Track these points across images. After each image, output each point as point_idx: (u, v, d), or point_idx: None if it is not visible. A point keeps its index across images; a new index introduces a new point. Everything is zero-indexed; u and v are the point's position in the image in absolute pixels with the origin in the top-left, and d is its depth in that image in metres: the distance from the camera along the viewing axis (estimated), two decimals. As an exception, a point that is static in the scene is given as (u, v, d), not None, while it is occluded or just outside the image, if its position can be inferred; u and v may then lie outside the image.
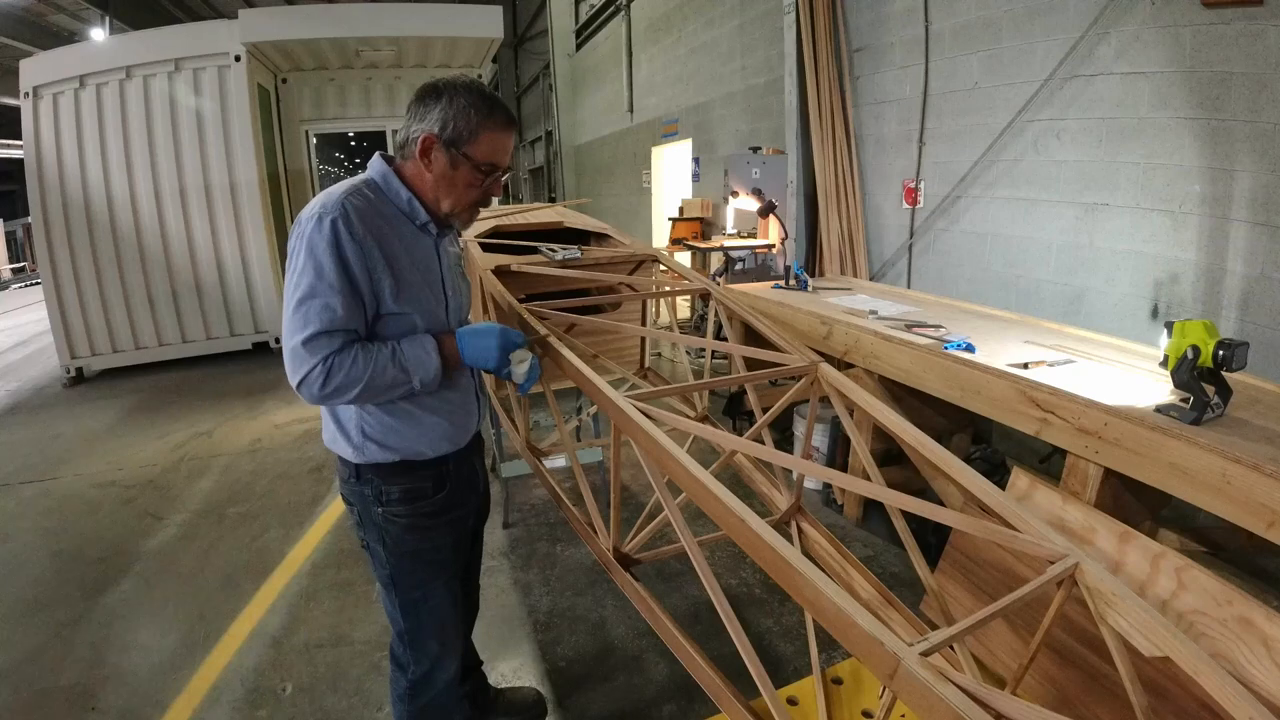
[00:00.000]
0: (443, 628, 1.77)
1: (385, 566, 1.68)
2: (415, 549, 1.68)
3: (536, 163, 20.44)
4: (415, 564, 1.70)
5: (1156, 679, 1.70)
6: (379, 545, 1.67)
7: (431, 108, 1.48)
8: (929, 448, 1.60)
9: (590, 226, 3.56)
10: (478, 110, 1.48)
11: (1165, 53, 3.44)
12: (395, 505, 1.63)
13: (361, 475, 1.62)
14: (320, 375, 1.41)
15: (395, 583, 1.70)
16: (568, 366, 1.81)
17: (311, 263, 1.41)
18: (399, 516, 1.64)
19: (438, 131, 1.48)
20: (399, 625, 1.74)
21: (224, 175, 6.68)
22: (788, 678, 2.26)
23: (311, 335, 1.40)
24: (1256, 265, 3.19)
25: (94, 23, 13.61)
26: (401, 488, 1.63)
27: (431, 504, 1.67)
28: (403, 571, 1.69)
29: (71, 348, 6.51)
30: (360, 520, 1.68)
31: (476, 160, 1.51)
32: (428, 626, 1.74)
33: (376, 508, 1.63)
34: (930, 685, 0.94)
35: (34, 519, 3.81)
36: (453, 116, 1.47)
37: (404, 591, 1.70)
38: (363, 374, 1.43)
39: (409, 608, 1.72)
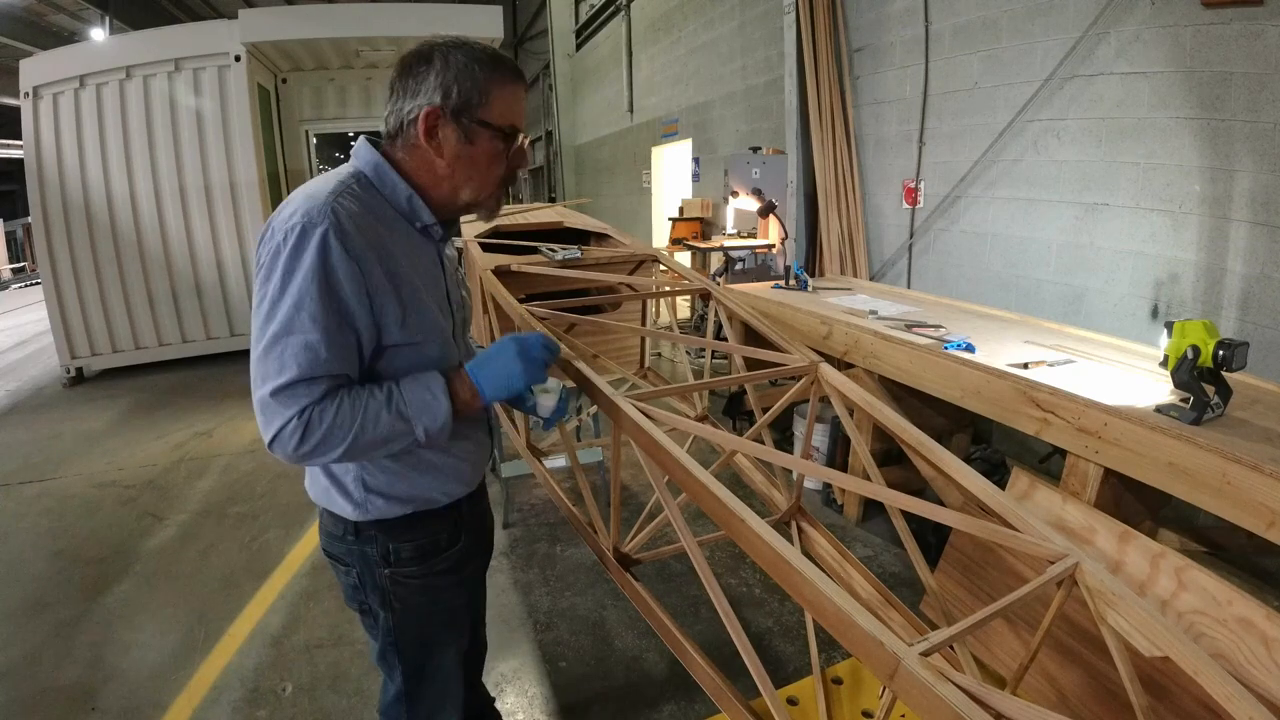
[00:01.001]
0: (446, 693, 1.52)
1: (390, 634, 1.43)
2: (428, 611, 1.44)
3: (536, 163, 20.43)
4: (425, 628, 1.45)
5: (1156, 679, 1.70)
6: (383, 610, 1.41)
7: (425, 76, 1.19)
8: (929, 448, 1.60)
9: (590, 226, 3.57)
10: (482, 65, 1.20)
11: (1165, 53, 3.44)
12: (407, 565, 1.37)
13: (362, 533, 1.35)
14: (296, 431, 1.11)
15: (400, 649, 1.45)
16: (567, 366, 1.81)
17: (289, 288, 1.10)
18: (410, 577, 1.38)
19: (440, 101, 1.19)
20: (398, 687, 1.49)
21: (224, 175, 6.68)
22: (788, 678, 2.26)
23: (286, 384, 1.10)
24: (1256, 265, 3.19)
25: (94, 23, 13.62)
26: (414, 544, 1.37)
27: (447, 559, 1.42)
28: (409, 638, 1.44)
29: (71, 348, 6.51)
30: (360, 583, 1.41)
31: (495, 124, 1.22)
32: (431, 694, 1.51)
33: (384, 569, 1.37)
34: (930, 685, 0.94)
35: (34, 519, 3.81)
36: (455, 79, 1.19)
37: (409, 659, 1.46)
38: (349, 427, 1.14)
39: (413, 674, 1.48)
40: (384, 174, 1.24)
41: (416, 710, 1.51)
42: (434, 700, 1.51)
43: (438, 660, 1.49)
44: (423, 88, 1.20)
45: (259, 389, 1.13)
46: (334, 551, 1.43)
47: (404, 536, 1.36)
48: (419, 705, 1.50)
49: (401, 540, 1.36)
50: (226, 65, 6.51)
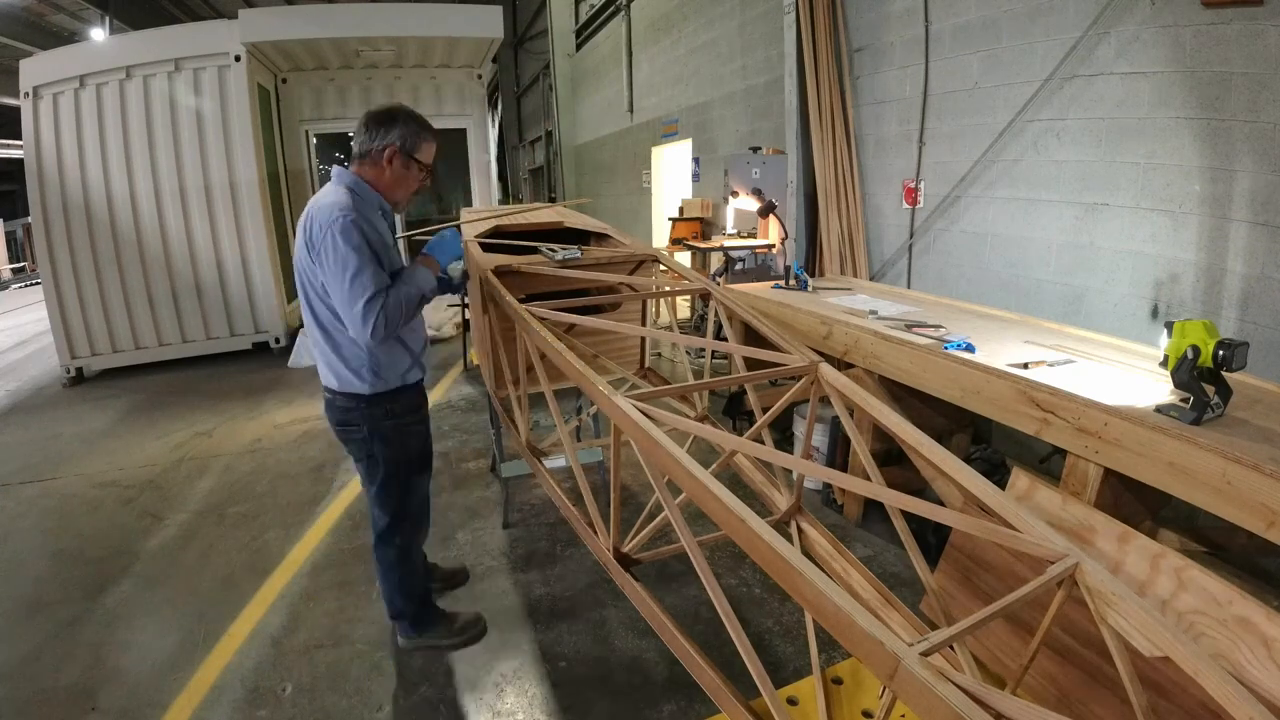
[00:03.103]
0: (421, 509, 2.48)
1: (389, 464, 2.30)
2: (413, 447, 2.36)
3: (536, 163, 20.43)
4: (410, 459, 2.36)
5: (1156, 679, 1.70)
6: (384, 448, 2.28)
7: (391, 127, 2.11)
8: (929, 448, 1.60)
9: (590, 226, 3.56)
10: (420, 128, 2.16)
11: (1165, 53, 3.44)
12: (402, 416, 2.29)
13: (371, 402, 2.22)
14: (383, 317, 2.01)
15: (396, 476, 2.32)
16: (568, 366, 1.81)
17: (352, 247, 1.99)
18: (404, 425, 2.31)
19: (398, 145, 2.11)
20: (392, 508, 2.35)
21: (224, 175, 6.68)
22: (788, 678, 2.26)
23: (371, 296, 2.00)
24: (1256, 265, 3.19)
25: (94, 23, 13.62)
26: (403, 403, 2.30)
27: (420, 415, 2.40)
28: (402, 466, 2.33)
29: (71, 347, 6.51)
30: (369, 435, 2.25)
31: (422, 162, 2.19)
32: (412, 508, 2.41)
33: (387, 421, 2.26)
34: (930, 685, 0.94)
35: (34, 519, 3.81)
36: (407, 135, 2.12)
37: (401, 481, 2.34)
38: (399, 306, 2.06)
39: (404, 493, 2.36)
40: (361, 186, 2.15)
41: (404, 527, 2.41)
42: (414, 520, 2.45)
43: (418, 486, 2.43)
44: (390, 133, 2.11)
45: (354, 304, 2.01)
46: (348, 419, 2.27)
47: (397, 400, 2.28)
48: (405, 523, 2.40)
49: (396, 403, 2.28)
50: (226, 65, 6.51)
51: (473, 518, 3.58)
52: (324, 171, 9.17)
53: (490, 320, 2.77)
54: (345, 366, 2.19)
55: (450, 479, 4.05)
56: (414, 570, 2.51)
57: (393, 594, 2.51)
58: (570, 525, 2.42)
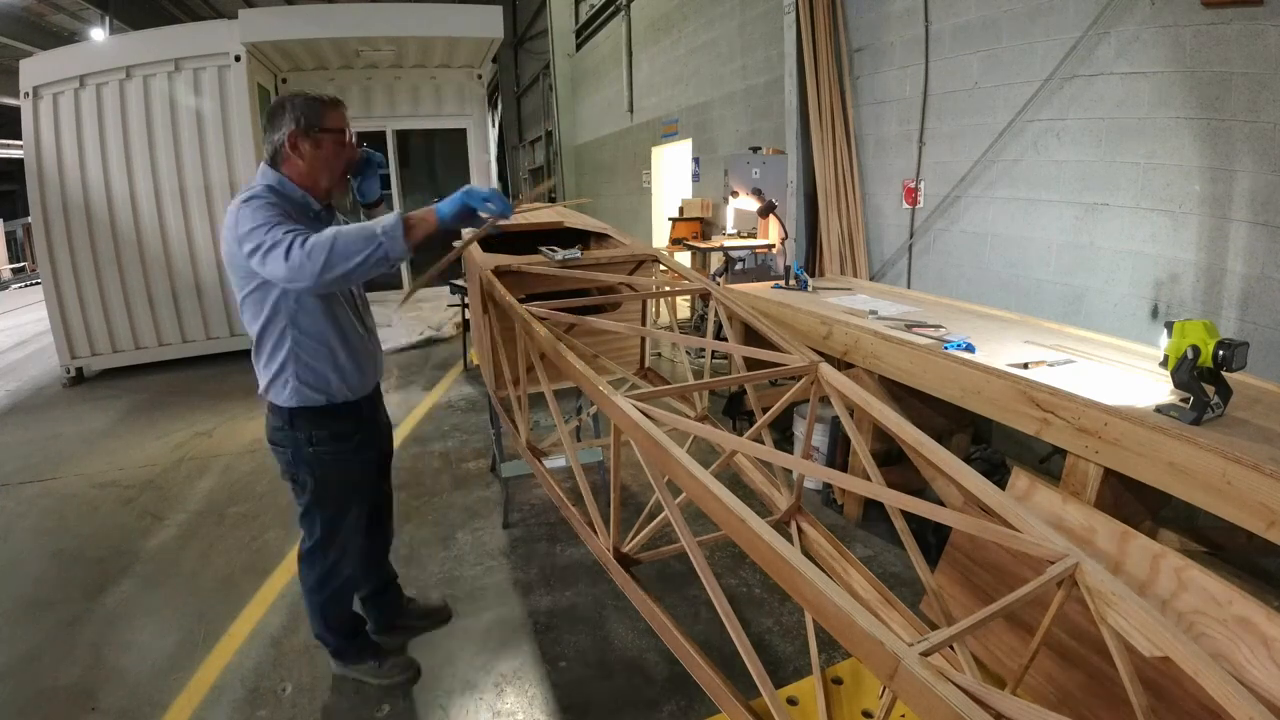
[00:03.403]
0: (348, 542, 2.24)
1: (312, 494, 2.12)
2: (338, 479, 2.13)
3: (536, 163, 20.42)
4: (335, 491, 2.15)
5: (1156, 679, 1.70)
6: (309, 477, 2.09)
7: (282, 115, 1.90)
8: (929, 448, 1.60)
9: (590, 226, 3.56)
10: (312, 99, 1.92)
11: (1165, 53, 3.43)
12: (323, 445, 2.07)
13: (296, 422, 2.03)
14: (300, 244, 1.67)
15: (320, 505, 2.15)
16: (568, 366, 1.81)
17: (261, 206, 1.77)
18: (326, 454, 2.08)
19: (296, 127, 1.88)
20: (316, 536, 2.18)
21: (224, 175, 6.68)
22: (788, 678, 2.26)
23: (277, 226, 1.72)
24: (1256, 265, 3.19)
25: (94, 23, 13.61)
26: (328, 431, 2.06)
27: (350, 443, 2.13)
28: (325, 496, 2.14)
29: (71, 348, 6.51)
30: (293, 459, 2.08)
31: (332, 128, 1.93)
32: (337, 540, 2.20)
33: (309, 448, 2.06)
34: (930, 685, 0.94)
35: (34, 519, 3.81)
36: (299, 113, 1.89)
37: (325, 511, 2.16)
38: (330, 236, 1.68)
39: (327, 524, 2.17)
40: (284, 183, 1.93)
41: (328, 554, 2.21)
42: (339, 549, 2.22)
43: (344, 516, 2.19)
44: (283, 122, 1.89)
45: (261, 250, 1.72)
46: (275, 439, 2.09)
47: (321, 425, 2.05)
48: (330, 550, 2.20)
49: (319, 428, 2.05)
50: (226, 65, 6.51)
51: (473, 518, 3.58)
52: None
53: (490, 320, 2.77)
54: (264, 366, 1.98)
55: (450, 479, 4.04)
56: (338, 600, 2.32)
57: (312, 617, 2.36)
58: (570, 525, 2.42)
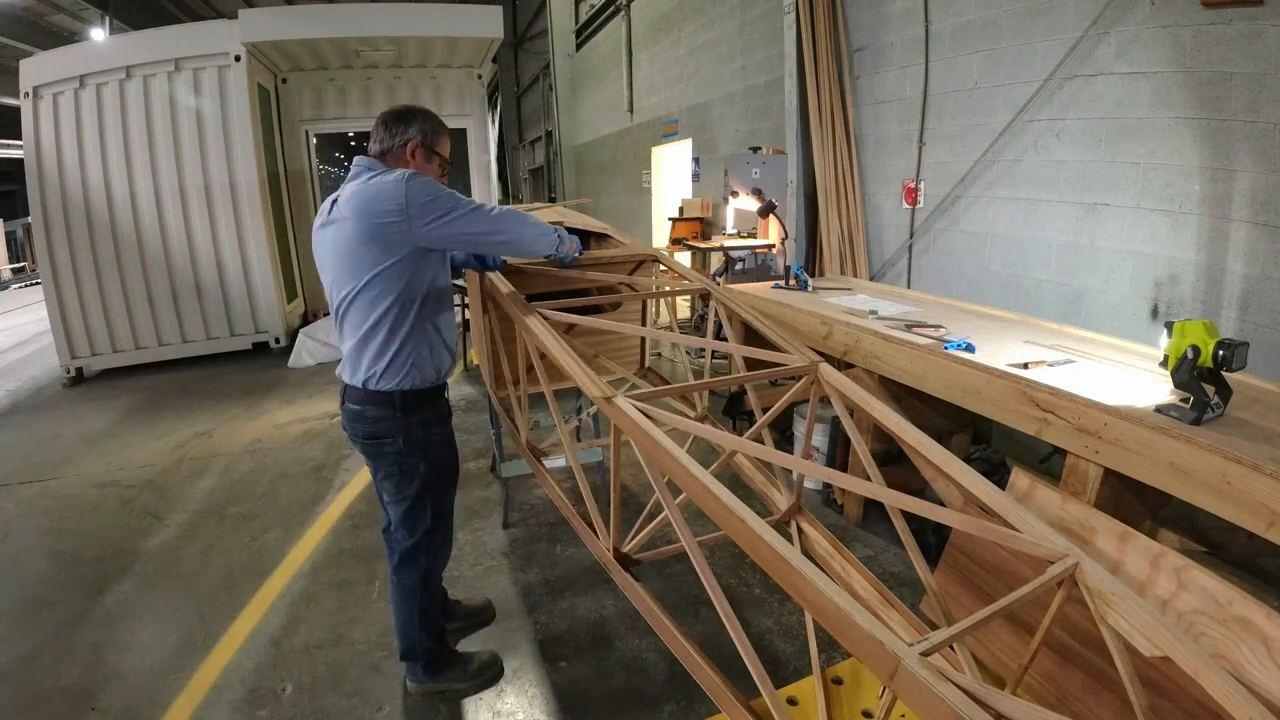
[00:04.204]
0: (449, 525, 2.33)
1: (424, 479, 2.13)
2: (447, 460, 2.23)
3: (536, 163, 20.43)
4: (444, 473, 2.22)
5: (1156, 679, 1.70)
6: (422, 462, 2.11)
7: (411, 123, 2.08)
8: (929, 448, 1.60)
9: (590, 226, 3.56)
10: (438, 124, 2.16)
11: (1165, 53, 3.43)
12: (436, 425, 2.16)
13: (407, 406, 2.06)
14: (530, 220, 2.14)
15: (431, 491, 2.17)
16: (568, 368, 1.81)
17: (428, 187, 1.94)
18: (439, 435, 2.18)
19: (420, 138, 2.08)
20: (424, 527, 2.18)
21: (224, 175, 6.68)
22: (788, 678, 2.26)
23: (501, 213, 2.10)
24: (1256, 265, 3.19)
25: (94, 23, 13.62)
26: (436, 410, 2.17)
27: (448, 422, 2.24)
28: (435, 481, 2.18)
29: (71, 348, 6.51)
30: (404, 448, 2.08)
31: (443, 155, 2.17)
32: (443, 524, 2.27)
33: (422, 431, 2.10)
34: (930, 685, 0.94)
35: (34, 519, 3.81)
36: (426, 129, 2.10)
37: (436, 497, 2.19)
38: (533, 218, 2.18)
39: (439, 511, 2.21)
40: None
41: (432, 544, 2.24)
42: (444, 534, 2.30)
43: (448, 498, 2.29)
44: (410, 129, 2.08)
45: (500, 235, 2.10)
46: (379, 430, 2.08)
47: (434, 405, 2.16)
48: (435, 541, 2.25)
49: (431, 409, 2.14)
50: (226, 65, 6.51)
51: (473, 518, 3.58)
52: (324, 172, 9.17)
53: (490, 320, 2.77)
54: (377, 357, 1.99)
55: (450, 479, 4.04)
56: (434, 598, 2.31)
57: (409, 624, 2.27)
58: (570, 525, 2.42)
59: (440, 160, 2.16)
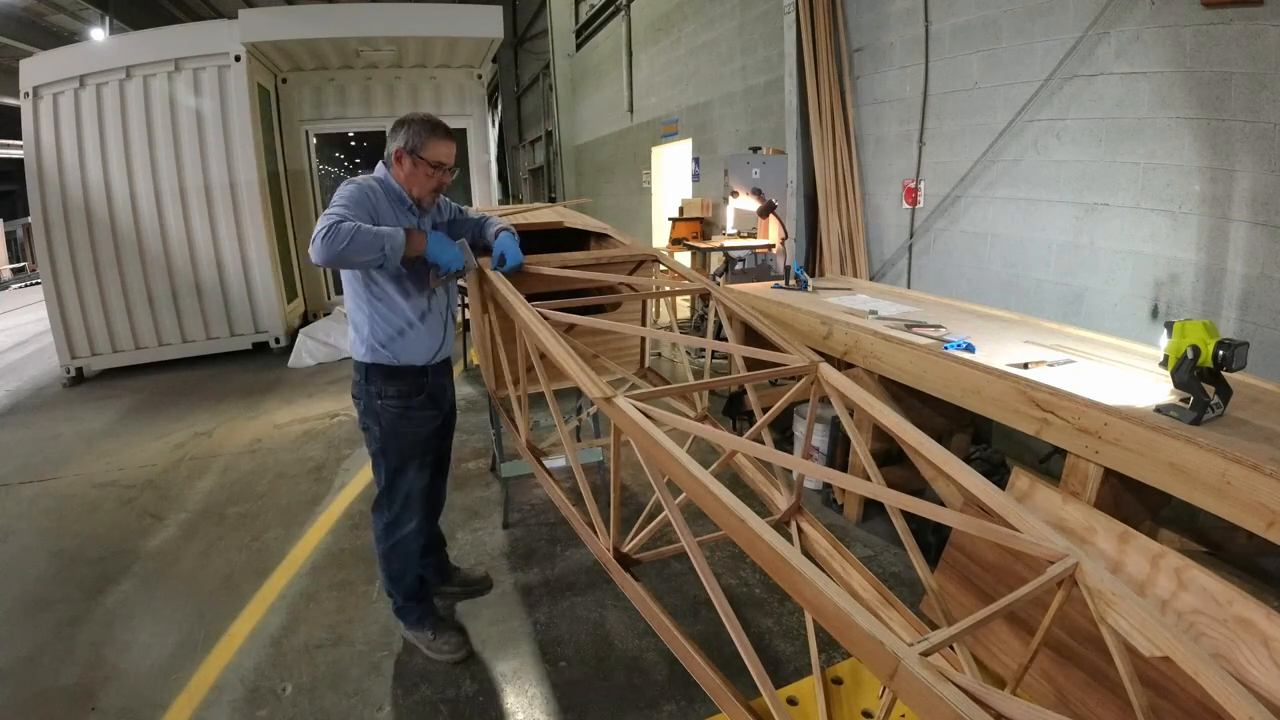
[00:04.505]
0: (409, 494, 2.48)
1: (378, 441, 2.41)
2: (401, 431, 2.41)
3: (536, 163, 20.42)
4: (401, 445, 2.42)
5: (1156, 679, 1.70)
6: (376, 427, 2.39)
7: (399, 132, 2.29)
8: (929, 448, 1.60)
9: (590, 226, 3.56)
10: (425, 130, 2.28)
11: (1165, 53, 3.43)
12: (395, 399, 2.38)
13: (370, 377, 2.36)
14: (324, 230, 2.03)
15: (385, 454, 2.43)
16: (568, 369, 1.81)
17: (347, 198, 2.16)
18: (393, 408, 2.38)
19: (403, 145, 2.27)
20: (382, 483, 2.47)
21: (224, 175, 6.68)
22: (788, 678, 2.26)
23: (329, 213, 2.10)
24: (1256, 265, 3.19)
25: (94, 23, 13.62)
26: (395, 388, 2.37)
27: (413, 402, 2.41)
28: (391, 446, 2.42)
29: (71, 348, 6.51)
30: (365, 409, 2.40)
31: (428, 160, 2.28)
32: (400, 489, 2.46)
33: (377, 401, 2.37)
34: (930, 685, 0.94)
35: (34, 519, 3.81)
36: (411, 135, 2.26)
37: (390, 461, 2.43)
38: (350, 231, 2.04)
39: (391, 474, 2.45)
40: (389, 179, 2.34)
41: (393, 501, 2.48)
42: (403, 499, 2.48)
43: (406, 467, 2.45)
44: (398, 137, 2.28)
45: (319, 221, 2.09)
46: (355, 392, 2.43)
47: (392, 381, 2.37)
48: (395, 497, 2.47)
49: (390, 384, 2.37)
50: (226, 65, 6.51)
51: (473, 518, 3.58)
52: (324, 172, 9.18)
53: (490, 320, 2.77)
54: (353, 330, 2.37)
55: (450, 479, 4.03)
56: (400, 552, 2.51)
57: (380, 568, 2.60)
58: (570, 525, 2.42)
59: (428, 164, 2.29)
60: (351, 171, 7.74)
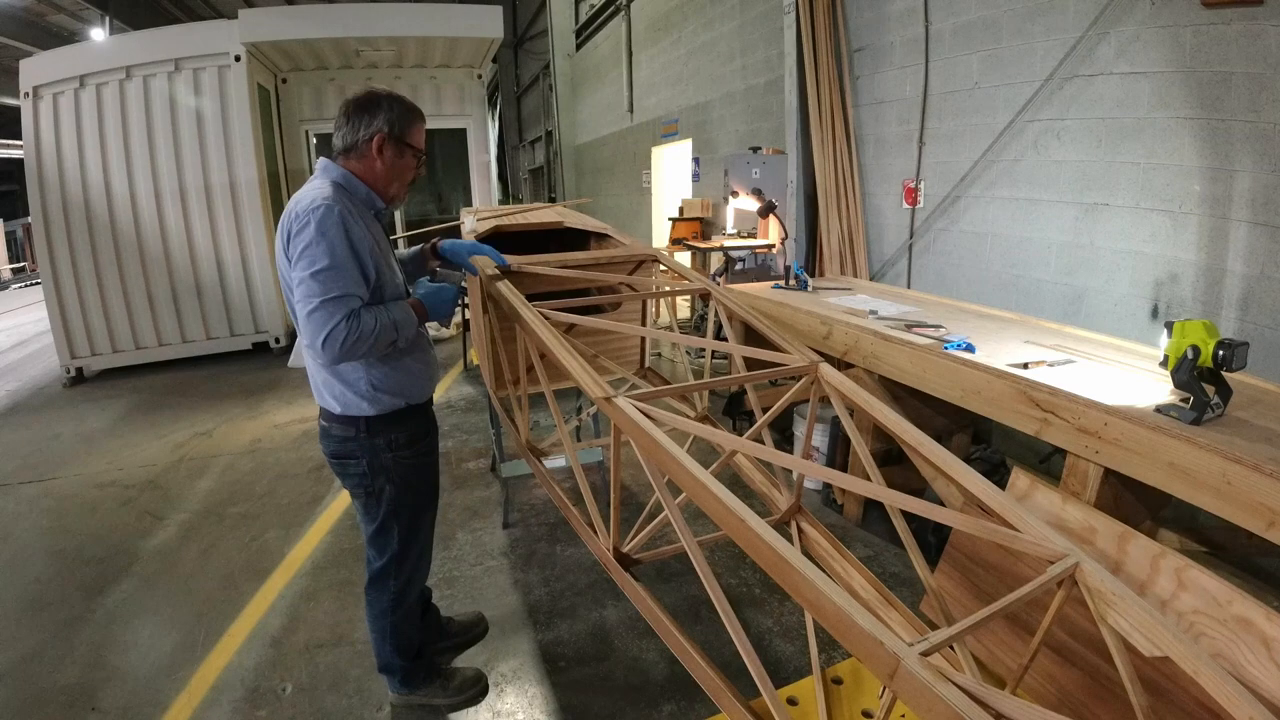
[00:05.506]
0: (424, 549, 2.22)
1: (391, 504, 2.04)
2: (418, 484, 2.10)
3: (536, 163, 20.42)
4: (416, 498, 2.11)
5: (1156, 679, 1.70)
6: (389, 486, 2.02)
7: (376, 113, 1.88)
8: (929, 448, 1.60)
9: (590, 226, 3.56)
10: (407, 109, 1.94)
11: (1165, 53, 3.43)
12: (404, 449, 2.03)
13: (372, 428, 1.96)
14: (343, 331, 1.71)
15: (398, 516, 2.07)
16: (568, 369, 1.81)
17: (325, 242, 1.73)
18: (406, 458, 2.04)
19: (387, 129, 1.88)
20: (391, 550, 2.10)
21: (224, 175, 6.68)
22: (788, 678, 2.26)
23: (334, 297, 1.71)
24: (1256, 265, 3.19)
25: (94, 23, 13.61)
26: (407, 433, 2.03)
27: (426, 444, 2.13)
28: (405, 506, 2.08)
29: (71, 348, 6.52)
30: (369, 470, 2.00)
31: (415, 147, 1.96)
32: (413, 552, 2.16)
33: (388, 454, 2.00)
34: (930, 685, 0.94)
35: (34, 519, 3.81)
36: (395, 117, 1.89)
37: (405, 522, 2.09)
38: (372, 331, 1.77)
39: (406, 537, 2.11)
40: (350, 179, 1.91)
41: (403, 569, 2.13)
42: (416, 560, 2.18)
43: (422, 525, 2.17)
44: (375, 120, 1.87)
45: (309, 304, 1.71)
46: (345, 451, 1.99)
47: (402, 426, 2.01)
48: (405, 565, 2.14)
49: (401, 429, 2.01)
50: (226, 65, 6.51)
51: (473, 518, 3.58)
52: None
53: (490, 320, 2.77)
54: (341, 383, 1.92)
55: (450, 479, 4.04)
56: (408, 619, 2.22)
57: (381, 645, 2.22)
58: (570, 525, 2.42)
59: (414, 152, 1.96)
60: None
